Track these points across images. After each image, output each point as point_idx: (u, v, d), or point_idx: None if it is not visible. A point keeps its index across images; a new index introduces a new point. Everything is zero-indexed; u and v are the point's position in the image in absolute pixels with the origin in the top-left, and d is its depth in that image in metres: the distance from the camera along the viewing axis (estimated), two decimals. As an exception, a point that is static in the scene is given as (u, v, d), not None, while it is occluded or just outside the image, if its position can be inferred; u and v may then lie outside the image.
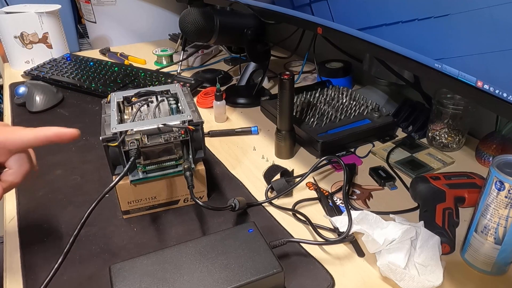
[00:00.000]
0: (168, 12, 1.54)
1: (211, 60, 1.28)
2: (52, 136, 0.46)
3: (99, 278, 0.50)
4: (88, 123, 0.88)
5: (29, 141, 0.46)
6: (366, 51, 0.83)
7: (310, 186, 0.67)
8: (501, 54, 0.43)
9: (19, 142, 0.45)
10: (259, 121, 0.88)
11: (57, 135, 0.46)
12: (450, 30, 0.48)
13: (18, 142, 0.45)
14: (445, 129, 0.74)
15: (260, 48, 0.95)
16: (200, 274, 0.45)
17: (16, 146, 0.45)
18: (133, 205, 0.59)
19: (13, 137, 0.45)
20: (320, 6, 0.70)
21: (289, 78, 0.67)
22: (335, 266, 0.52)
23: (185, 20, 0.84)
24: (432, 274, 0.47)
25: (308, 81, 1.10)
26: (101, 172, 0.70)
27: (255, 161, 0.74)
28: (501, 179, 0.44)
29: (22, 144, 0.46)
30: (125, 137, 0.53)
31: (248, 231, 0.50)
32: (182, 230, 0.58)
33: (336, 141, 0.74)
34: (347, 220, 0.54)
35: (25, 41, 1.18)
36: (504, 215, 0.45)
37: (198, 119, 0.56)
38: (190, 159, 0.58)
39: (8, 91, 1.07)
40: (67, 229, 0.58)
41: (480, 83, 0.46)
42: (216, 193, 0.65)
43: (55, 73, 1.08)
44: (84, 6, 1.55)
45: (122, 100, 0.62)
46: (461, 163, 0.72)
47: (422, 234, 0.50)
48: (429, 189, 0.60)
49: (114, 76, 1.06)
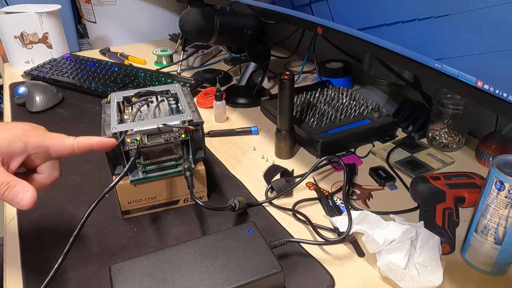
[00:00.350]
0: (168, 12, 1.54)
1: (211, 60, 1.28)
2: (95, 145, 0.47)
3: (99, 278, 0.50)
4: (88, 123, 0.88)
5: (73, 150, 0.46)
6: (366, 51, 0.83)
7: (310, 186, 0.67)
8: (501, 54, 0.43)
9: (63, 150, 0.46)
10: (259, 121, 0.88)
11: (99, 144, 0.47)
12: (450, 30, 0.48)
13: (62, 150, 0.46)
14: (445, 129, 0.74)
15: (260, 48, 0.95)
16: (200, 274, 0.45)
17: (58, 153, 0.46)
18: (133, 205, 0.59)
19: (58, 144, 0.45)
20: (320, 6, 0.70)
21: (289, 78, 0.67)
22: (335, 266, 0.52)
23: (185, 20, 0.84)
24: (432, 274, 0.47)
25: (308, 81, 1.10)
26: (101, 172, 0.70)
27: (255, 161, 0.74)
28: (501, 179, 0.44)
29: (64, 152, 0.46)
30: (125, 137, 0.53)
31: (248, 231, 0.50)
32: (182, 230, 0.58)
33: (336, 141, 0.74)
34: (347, 220, 0.54)
35: (25, 41, 1.18)
36: (504, 215, 0.45)
37: (198, 119, 0.56)
38: (190, 159, 0.58)
39: (8, 91, 1.07)
40: (67, 229, 0.58)
41: (480, 83, 0.46)
42: (216, 193, 0.65)
43: (55, 73, 1.08)
44: (84, 6, 1.55)
45: (122, 100, 0.62)
46: (461, 163, 0.72)
47: (422, 234, 0.50)
48: (429, 189, 0.60)
49: (114, 76, 1.06)
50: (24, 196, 0.42)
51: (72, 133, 0.51)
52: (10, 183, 0.41)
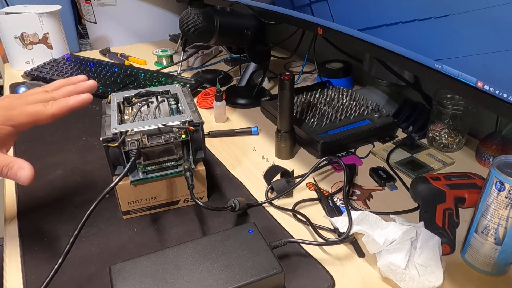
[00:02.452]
0: (168, 13, 1.54)
1: (211, 60, 1.28)
2: (74, 107, 0.52)
3: (99, 279, 0.50)
4: (88, 123, 0.88)
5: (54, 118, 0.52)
6: (366, 52, 0.83)
7: (310, 186, 0.67)
8: (502, 54, 0.43)
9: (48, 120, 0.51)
10: (259, 122, 0.88)
11: (79, 104, 0.52)
12: (450, 30, 0.48)
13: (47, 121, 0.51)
14: (445, 130, 0.74)
15: (260, 49, 0.95)
16: (200, 274, 0.45)
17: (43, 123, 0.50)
18: (133, 206, 0.59)
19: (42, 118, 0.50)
20: (320, 7, 0.70)
21: (289, 78, 0.67)
22: (335, 267, 0.52)
23: (185, 20, 0.84)
24: (432, 274, 0.47)
25: (308, 82, 1.10)
26: (101, 173, 0.70)
27: (255, 161, 0.74)
28: (501, 179, 0.44)
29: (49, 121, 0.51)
30: (125, 137, 0.53)
31: (248, 232, 0.50)
32: (182, 231, 0.58)
33: (336, 142, 0.74)
34: (347, 220, 0.54)
35: (25, 41, 1.18)
36: (504, 216, 0.45)
37: (198, 119, 0.56)
38: (190, 159, 0.58)
39: (8, 91, 1.07)
40: (67, 229, 0.58)
41: (480, 84, 0.46)
42: (216, 193, 0.65)
43: (55, 74, 1.08)
44: (84, 7, 1.56)
45: (122, 100, 0.62)
46: (461, 163, 0.72)
47: (422, 235, 0.50)
48: (429, 189, 0.60)
49: (114, 77, 1.06)
50: (21, 174, 0.47)
51: (73, 133, 0.51)
52: (9, 164, 0.47)
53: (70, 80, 0.56)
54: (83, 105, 0.52)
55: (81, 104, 0.52)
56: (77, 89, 0.54)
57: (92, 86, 0.56)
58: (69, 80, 0.56)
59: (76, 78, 0.57)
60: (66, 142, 0.79)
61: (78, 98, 0.52)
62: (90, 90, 0.55)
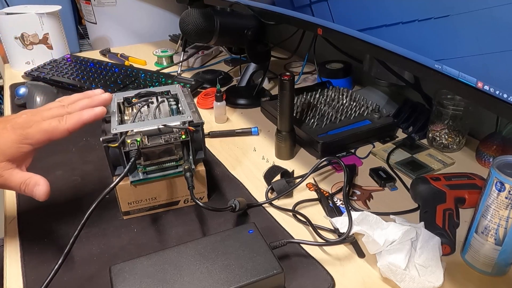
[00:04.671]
0: (169, 13, 1.54)
1: (212, 61, 1.28)
2: (87, 121, 0.52)
3: (99, 279, 0.50)
4: (88, 124, 0.88)
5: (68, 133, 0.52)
6: (366, 52, 0.83)
7: (310, 187, 0.67)
8: (502, 55, 0.43)
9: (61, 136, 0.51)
10: (260, 122, 0.88)
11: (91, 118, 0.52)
12: (450, 31, 0.48)
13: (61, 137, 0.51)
14: (445, 130, 0.74)
15: (260, 49, 0.95)
16: (201, 275, 0.45)
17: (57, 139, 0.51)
18: (133, 206, 0.59)
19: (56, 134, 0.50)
20: (321, 7, 0.70)
21: (289, 78, 0.67)
22: (336, 267, 0.52)
23: (185, 21, 0.84)
24: (433, 275, 0.47)
25: (308, 82, 1.10)
26: (101, 173, 0.70)
27: (255, 161, 0.74)
28: (502, 180, 0.44)
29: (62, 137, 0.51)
30: (126, 138, 0.53)
31: (248, 232, 0.50)
32: (182, 231, 0.58)
33: (336, 142, 0.74)
34: (347, 220, 0.54)
35: (25, 42, 1.18)
36: (505, 216, 0.45)
37: (198, 119, 0.56)
38: (190, 159, 0.58)
39: (8, 92, 1.07)
40: (67, 229, 0.58)
41: (481, 84, 0.46)
42: (216, 193, 0.65)
43: (55, 74, 1.08)
44: (84, 7, 1.56)
45: (123, 101, 0.62)
46: (462, 164, 0.72)
47: (422, 235, 0.50)
48: (430, 190, 0.60)
49: (115, 77, 1.06)
50: (37, 190, 0.49)
51: (73, 133, 0.51)
52: (26, 181, 0.49)
53: (86, 94, 0.57)
54: (97, 119, 0.52)
55: (94, 118, 0.52)
56: (92, 103, 0.54)
57: (106, 100, 0.56)
58: (85, 94, 0.57)
59: (92, 92, 0.57)
60: (66, 142, 0.79)
61: (91, 112, 0.52)
62: (105, 103, 0.55)
